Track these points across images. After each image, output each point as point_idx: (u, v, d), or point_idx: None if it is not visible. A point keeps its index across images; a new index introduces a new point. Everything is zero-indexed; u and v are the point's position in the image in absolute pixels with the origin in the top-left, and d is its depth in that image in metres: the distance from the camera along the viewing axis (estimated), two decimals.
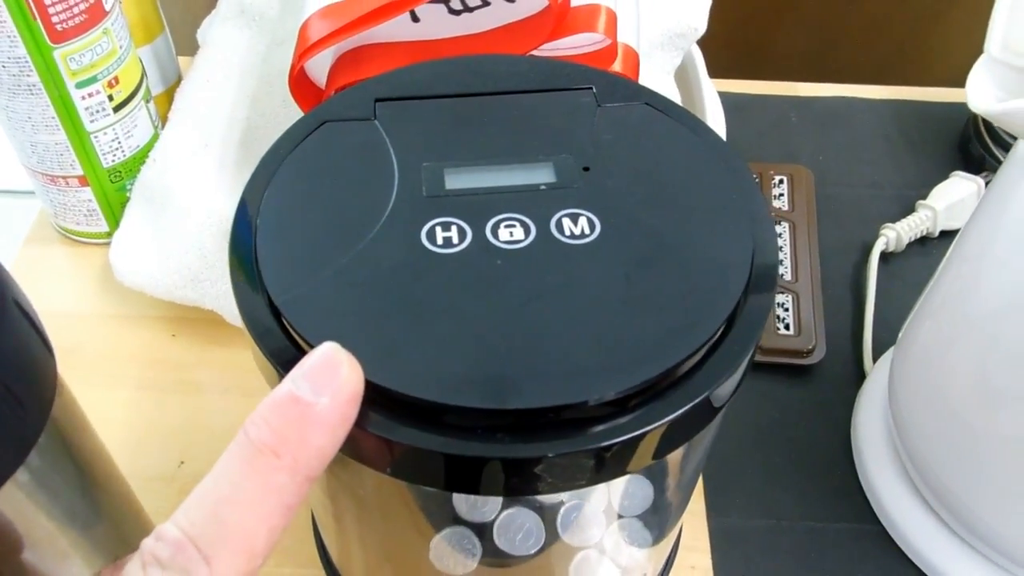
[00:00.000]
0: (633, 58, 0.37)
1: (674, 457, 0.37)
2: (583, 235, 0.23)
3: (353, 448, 0.20)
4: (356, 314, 0.21)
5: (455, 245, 0.22)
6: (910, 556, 0.36)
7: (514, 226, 0.23)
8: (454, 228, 0.23)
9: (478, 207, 0.23)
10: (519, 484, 0.20)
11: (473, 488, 0.20)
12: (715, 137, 0.26)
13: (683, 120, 0.27)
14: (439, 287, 0.21)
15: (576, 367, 0.20)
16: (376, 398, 0.19)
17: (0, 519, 0.23)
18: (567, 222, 0.23)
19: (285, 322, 0.21)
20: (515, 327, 0.20)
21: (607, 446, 0.19)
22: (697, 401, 0.20)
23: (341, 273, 0.22)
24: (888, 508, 0.37)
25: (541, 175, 0.25)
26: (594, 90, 0.27)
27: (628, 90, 0.28)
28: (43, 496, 0.24)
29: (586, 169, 0.25)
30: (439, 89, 0.27)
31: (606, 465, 0.20)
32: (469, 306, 0.21)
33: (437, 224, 0.23)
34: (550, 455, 0.19)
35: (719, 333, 0.21)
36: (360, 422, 0.19)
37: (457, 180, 0.24)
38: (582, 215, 0.23)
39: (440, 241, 0.22)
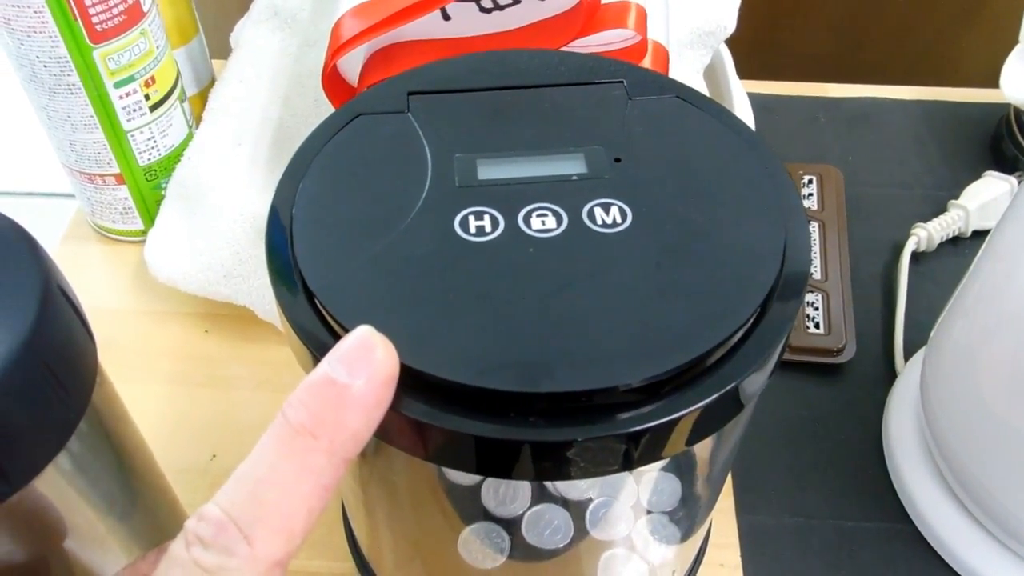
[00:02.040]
0: (663, 55, 0.37)
1: (703, 451, 0.37)
2: (615, 224, 0.23)
3: (387, 432, 0.20)
4: (390, 300, 0.21)
5: (488, 234, 0.23)
6: (943, 556, 0.36)
7: (546, 215, 0.23)
8: (487, 217, 0.23)
9: (510, 197, 0.24)
10: (550, 468, 0.20)
11: (505, 472, 0.20)
12: (747, 130, 0.26)
13: (715, 113, 0.27)
14: (472, 274, 0.22)
15: (607, 353, 0.20)
16: (410, 382, 0.19)
17: (42, 503, 0.23)
18: (599, 211, 0.23)
19: (320, 308, 0.21)
20: (547, 313, 0.21)
21: (638, 431, 0.19)
22: (728, 389, 0.20)
23: (375, 261, 0.22)
24: (921, 507, 0.36)
25: (572, 166, 0.25)
26: (625, 83, 0.27)
27: (659, 84, 0.28)
28: (83, 482, 0.25)
29: (617, 160, 0.25)
30: (471, 83, 0.27)
31: (637, 451, 0.20)
32: (502, 293, 0.21)
33: (470, 213, 0.23)
34: (580, 439, 0.19)
35: (751, 322, 0.21)
36: (395, 405, 0.19)
37: (489, 171, 0.24)
38: (614, 204, 0.23)
39: (473, 230, 0.23)
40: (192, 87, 0.50)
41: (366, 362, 0.19)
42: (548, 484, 0.37)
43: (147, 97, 0.42)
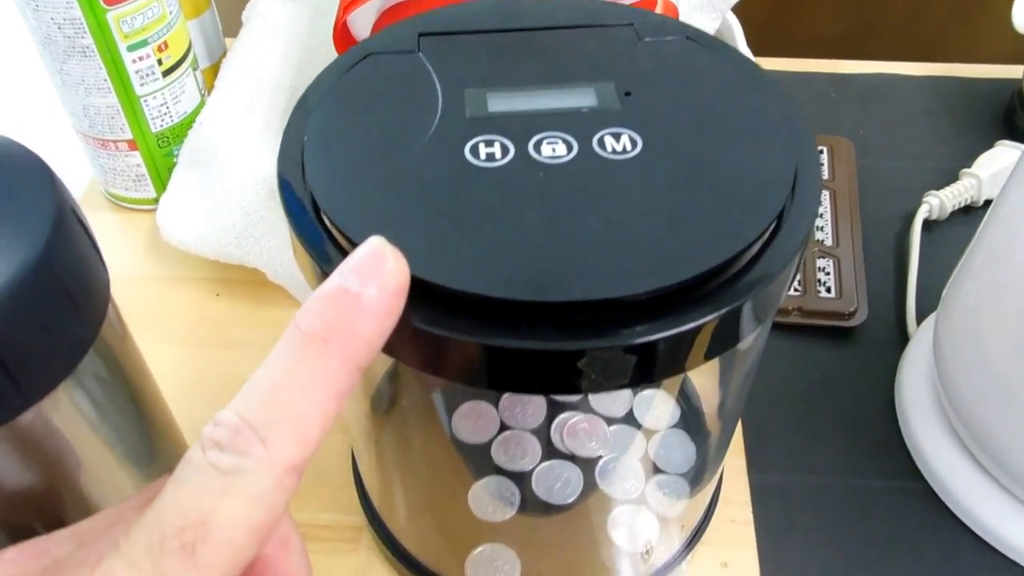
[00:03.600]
0: (673, 11, 0.37)
1: (710, 397, 0.37)
2: (625, 151, 0.23)
3: (398, 346, 0.20)
4: (400, 218, 0.21)
5: (498, 160, 0.23)
6: (955, 512, 0.35)
7: (556, 143, 0.23)
8: (497, 144, 0.23)
9: (520, 127, 0.24)
10: (560, 380, 0.20)
11: (514, 384, 0.20)
12: (756, 68, 0.27)
13: (724, 52, 0.27)
14: (482, 196, 0.22)
15: (618, 265, 0.20)
16: (421, 294, 0.19)
17: (51, 428, 0.23)
18: (609, 139, 0.23)
19: (330, 225, 0.21)
20: (558, 230, 0.21)
21: (649, 342, 0.19)
22: (740, 304, 0.20)
23: (385, 183, 0.22)
24: (934, 465, 0.36)
25: (583, 99, 0.25)
26: (635, 26, 0.28)
27: (668, 26, 0.28)
28: (93, 414, 0.25)
29: (627, 94, 0.25)
30: (482, 25, 0.28)
31: (648, 363, 0.20)
32: (512, 212, 0.21)
33: (480, 141, 0.23)
34: (590, 349, 0.19)
35: (763, 239, 0.21)
36: (406, 316, 0.19)
37: (500, 103, 0.25)
38: (624, 133, 0.23)
39: (483, 156, 0.23)
40: (204, 60, 0.50)
41: (377, 271, 0.19)
42: (557, 440, 0.37)
43: (160, 62, 0.43)
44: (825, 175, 0.49)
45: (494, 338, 0.19)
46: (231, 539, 0.17)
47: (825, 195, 0.48)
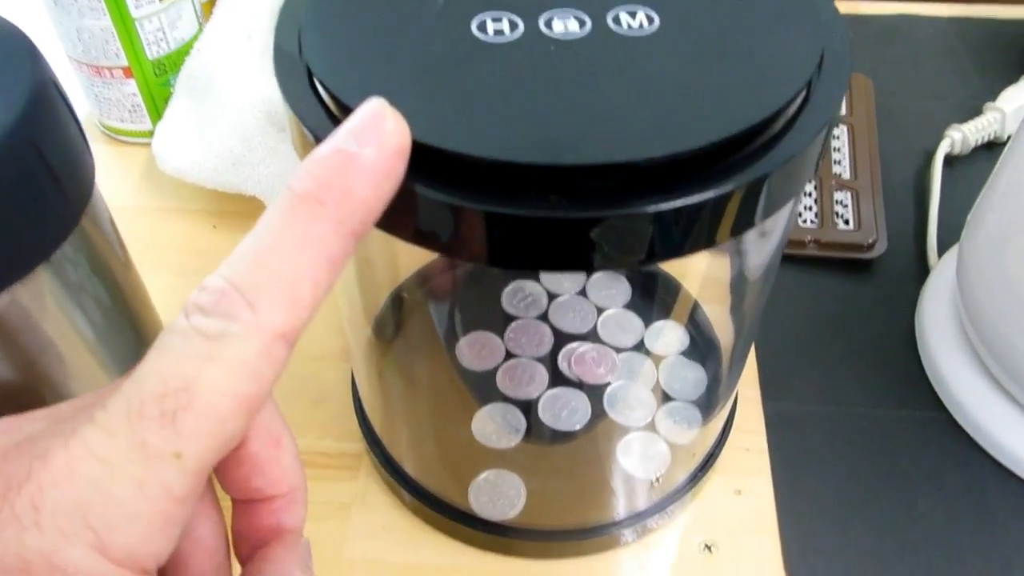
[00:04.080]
0: None
1: (721, 325, 0.36)
2: (641, 27, 0.21)
3: (400, 221, 0.19)
4: (403, 89, 0.20)
5: (506, 35, 0.21)
6: (978, 440, 0.34)
7: (568, 19, 0.22)
8: (505, 20, 0.22)
9: (529, 2, 0.22)
10: (572, 255, 0.18)
11: (521, 260, 0.19)
12: None
13: None
14: (490, 70, 0.20)
15: (637, 130, 0.19)
16: (424, 162, 0.18)
17: (29, 320, 0.22)
18: (624, 15, 0.22)
19: (328, 99, 0.20)
20: (571, 100, 0.19)
21: (667, 211, 0.18)
22: (765, 174, 0.19)
23: (387, 59, 0.21)
24: (957, 394, 0.35)
25: None
26: None
27: None
28: (73, 309, 0.24)
29: None
30: None
31: (665, 237, 0.19)
32: (522, 84, 0.20)
33: (487, 17, 0.22)
34: (605, 216, 0.18)
35: (787, 113, 0.20)
36: (405, 185, 0.18)
37: None
38: (640, 9, 0.22)
39: (491, 32, 0.21)
40: None
41: (376, 131, 0.17)
42: (564, 368, 0.36)
43: None
44: (843, 110, 0.47)
45: (500, 206, 0.18)
46: (215, 407, 0.16)
47: (843, 129, 0.46)
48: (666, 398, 0.35)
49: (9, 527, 0.15)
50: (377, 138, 0.17)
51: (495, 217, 0.18)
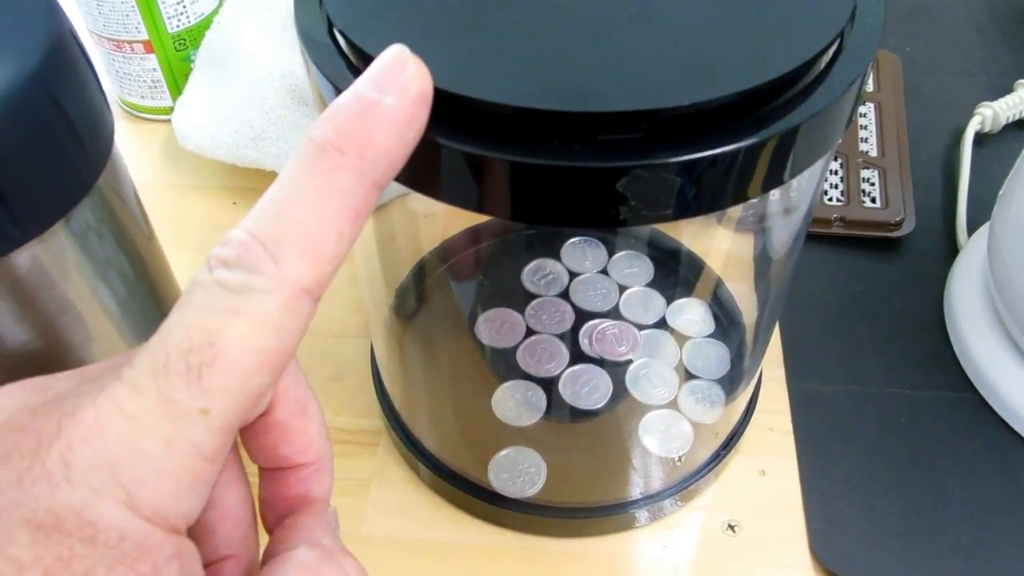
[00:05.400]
0: None
1: (745, 303, 0.35)
2: None
3: (421, 173, 0.18)
4: (425, 38, 0.19)
5: None
6: (1008, 421, 0.33)
7: None
8: None
9: None
10: (598, 208, 0.18)
11: (545, 215, 0.18)
12: None
13: None
14: (513, 16, 0.20)
15: (666, 78, 0.18)
16: (446, 110, 0.18)
17: (48, 272, 0.22)
18: None
19: (347, 49, 0.19)
20: (597, 46, 0.19)
21: (696, 160, 0.17)
22: (797, 124, 0.18)
23: (408, 6, 0.20)
24: (987, 374, 0.34)
25: None
26: None
27: None
28: (93, 273, 0.23)
29: None
30: None
31: (695, 189, 0.18)
32: (546, 31, 0.19)
33: None
34: (632, 166, 0.17)
35: (819, 63, 0.19)
36: (427, 135, 0.17)
37: None
38: None
39: None
40: None
41: (397, 78, 0.17)
42: (585, 345, 0.35)
43: None
44: (871, 87, 0.47)
45: (524, 155, 0.17)
46: (240, 362, 0.15)
47: (870, 106, 0.45)
48: (689, 376, 0.35)
49: (40, 483, 0.15)
50: (398, 85, 0.17)
51: (517, 167, 0.18)
